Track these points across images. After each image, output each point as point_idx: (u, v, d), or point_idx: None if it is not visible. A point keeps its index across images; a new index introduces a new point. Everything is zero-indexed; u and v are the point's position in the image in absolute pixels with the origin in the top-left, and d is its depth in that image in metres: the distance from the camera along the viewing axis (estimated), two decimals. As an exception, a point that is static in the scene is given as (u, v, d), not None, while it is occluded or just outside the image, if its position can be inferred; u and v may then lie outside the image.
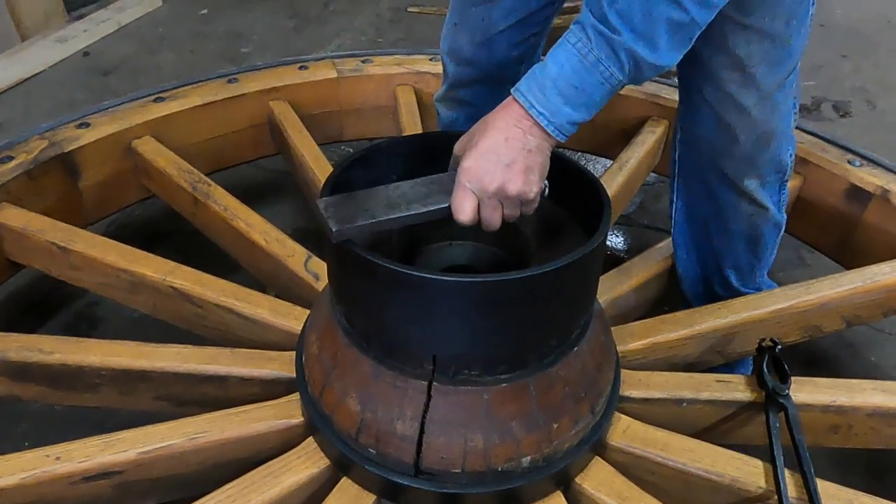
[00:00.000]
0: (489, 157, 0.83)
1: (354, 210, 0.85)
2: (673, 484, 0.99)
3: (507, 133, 0.84)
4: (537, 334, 0.85)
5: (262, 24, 2.99)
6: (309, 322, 1.03)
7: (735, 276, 1.32)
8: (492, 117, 0.86)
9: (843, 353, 1.60)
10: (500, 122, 0.85)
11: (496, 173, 0.82)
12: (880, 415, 1.07)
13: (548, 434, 0.88)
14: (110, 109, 1.56)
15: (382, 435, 0.87)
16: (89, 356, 1.08)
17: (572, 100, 0.82)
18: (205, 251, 1.57)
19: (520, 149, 0.83)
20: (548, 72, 0.83)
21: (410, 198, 0.88)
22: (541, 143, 0.84)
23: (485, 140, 0.84)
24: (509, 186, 0.83)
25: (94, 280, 1.28)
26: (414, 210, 0.87)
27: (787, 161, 1.20)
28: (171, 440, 0.96)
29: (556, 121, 0.83)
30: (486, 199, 0.84)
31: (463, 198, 0.84)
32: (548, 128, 0.83)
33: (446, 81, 1.30)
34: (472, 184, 0.83)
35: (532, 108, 0.83)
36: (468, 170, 0.84)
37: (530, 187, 0.84)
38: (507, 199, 0.84)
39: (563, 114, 0.83)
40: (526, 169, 0.83)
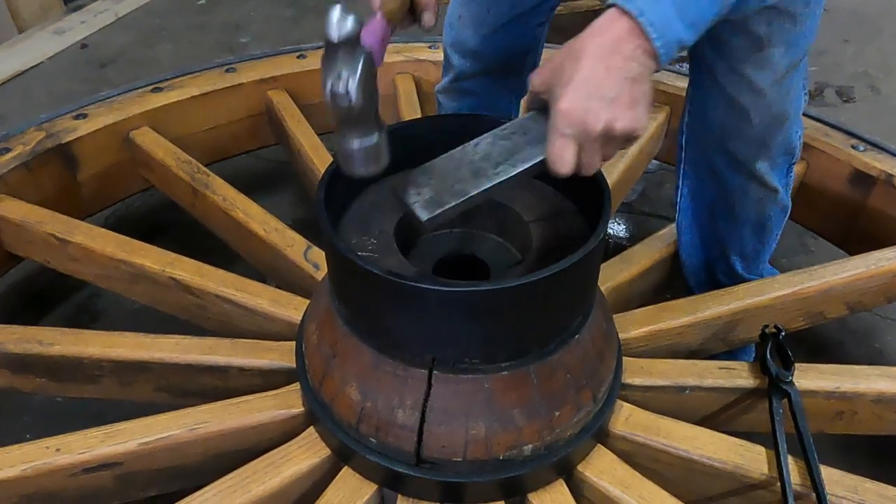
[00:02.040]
0: (590, 94, 0.71)
1: (439, 189, 0.74)
2: (676, 471, 0.98)
3: (607, 61, 0.71)
4: (538, 327, 0.84)
5: (260, 14, 2.97)
6: (308, 311, 1.03)
7: (740, 263, 1.31)
8: (583, 42, 0.73)
9: (847, 339, 1.60)
10: (596, 47, 0.71)
11: (601, 112, 0.70)
12: (885, 401, 1.06)
13: (549, 422, 0.87)
14: (108, 100, 1.55)
15: (383, 424, 0.86)
16: (89, 347, 1.08)
17: (685, 12, 0.72)
18: (205, 242, 1.57)
19: (622, 78, 0.71)
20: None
21: (495, 158, 0.76)
22: (642, 70, 0.72)
23: (581, 71, 0.71)
24: (616, 125, 0.71)
25: (94, 271, 1.28)
26: (504, 174, 0.75)
27: (797, 143, 1.18)
28: (171, 431, 0.96)
29: (667, 36, 0.71)
30: (588, 144, 0.73)
31: (563, 146, 0.73)
32: (656, 43, 0.71)
33: (450, 73, 1.29)
34: (572, 129, 0.72)
35: (642, 15, 0.70)
36: (567, 112, 0.71)
37: (638, 123, 0.73)
38: (612, 139, 0.73)
39: (674, 29, 0.71)
40: (632, 101, 0.72)
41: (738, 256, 1.30)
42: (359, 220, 0.95)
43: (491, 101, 1.29)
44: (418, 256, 0.98)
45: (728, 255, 1.30)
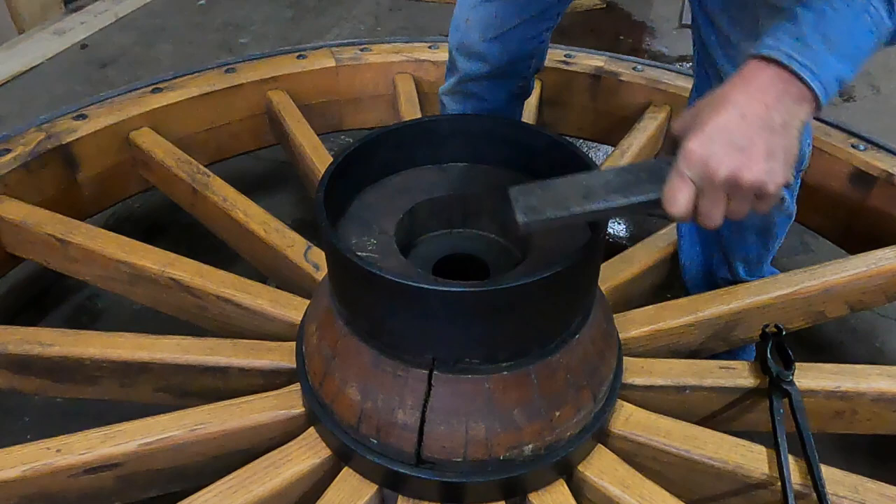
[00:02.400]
0: (718, 138, 0.68)
1: (546, 199, 0.75)
2: (676, 471, 0.98)
3: (746, 108, 0.68)
4: (538, 328, 0.84)
5: (260, 15, 2.97)
6: (309, 312, 1.03)
7: (743, 268, 1.30)
8: (726, 90, 0.71)
9: (848, 338, 1.60)
10: (738, 94, 0.69)
11: (726, 157, 0.68)
12: (885, 400, 1.06)
13: (550, 422, 0.87)
14: (108, 101, 1.55)
15: (383, 424, 0.86)
16: (89, 348, 1.07)
17: (839, 48, 0.68)
18: (205, 242, 1.57)
19: (760, 127, 0.68)
20: (803, 20, 0.68)
21: (613, 187, 0.76)
22: (788, 120, 0.69)
23: (715, 117, 0.69)
24: (744, 174, 0.68)
25: (94, 272, 1.28)
26: (614, 202, 0.74)
27: (806, 150, 1.17)
28: (171, 432, 0.96)
29: (823, 75, 0.67)
30: (710, 189, 0.70)
31: (679, 187, 0.70)
32: (812, 83, 0.67)
33: (454, 75, 1.28)
34: (692, 170, 0.69)
35: (792, 60, 0.67)
36: (690, 153, 0.69)
37: (771, 177, 0.69)
38: (738, 189, 0.69)
39: (830, 66, 0.67)
40: (768, 153, 0.68)
41: (741, 262, 1.30)
42: (359, 220, 0.95)
43: (495, 103, 1.29)
44: (418, 257, 0.98)
45: (731, 261, 1.30)
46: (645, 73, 1.71)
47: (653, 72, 1.73)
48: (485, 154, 1.02)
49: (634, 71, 1.72)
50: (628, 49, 2.79)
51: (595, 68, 1.72)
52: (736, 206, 0.72)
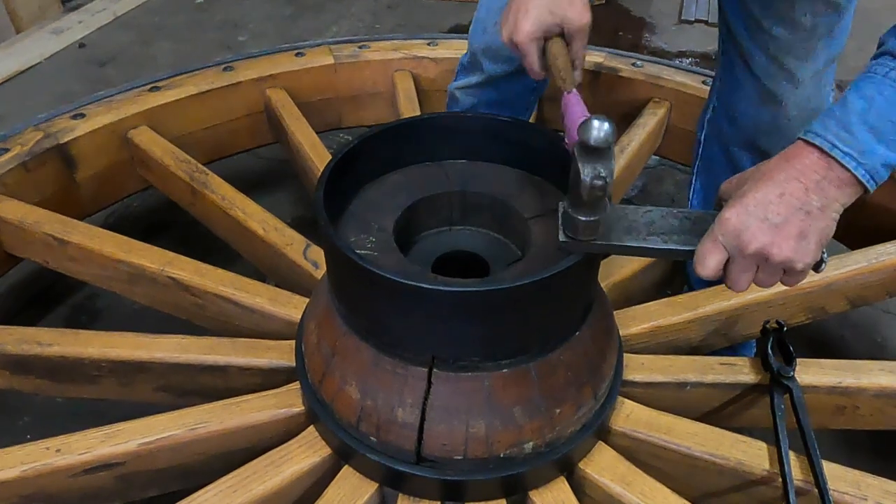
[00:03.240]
0: (755, 212, 0.71)
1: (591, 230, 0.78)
2: (677, 468, 0.98)
3: (785, 187, 0.71)
4: (538, 326, 0.84)
5: (258, 13, 2.97)
6: (308, 310, 1.02)
7: None
8: (771, 166, 0.74)
9: (849, 333, 1.59)
10: (780, 172, 0.72)
11: (759, 233, 0.71)
12: (886, 395, 1.06)
13: (550, 419, 0.87)
14: (105, 100, 1.54)
15: (383, 422, 0.86)
16: (88, 348, 1.07)
17: (887, 136, 0.70)
18: (204, 241, 1.56)
19: (796, 208, 0.70)
20: (852, 107, 0.71)
21: (655, 229, 0.79)
22: (827, 203, 0.71)
23: (755, 191, 0.72)
24: (773, 251, 0.71)
25: (93, 272, 1.28)
26: (651, 244, 0.78)
27: None
28: (171, 431, 0.96)
29: (868, 162, 0.70)
30: (740, 259, 0.73)
31: (711, 250, 0.74)
32: (856, 171, 0.70)
33: (477, 75, 1.27)
34: (725, 238, 0.73)
35: (835, 148, 0.70)
36: (726, 222, 0.73)
37: (800, 256, 0.71)
38: (767, 264, 0.73)
39: (876, 154, 0.69)
40: (800, 234, 0.71)
41: None
42: (358, 218, 0.95)
43: (509, 97, 1.29)
44: (418, 254, 0.98)
45: None
46: (644, 69, 1.70)
47: (652, 68, 1.72)
48: (483, 151, 1.01)
49: (634, 67, 1.71)
50: (628, 45, 2.78)
51: (594, 64, 1.72)
52: (764, 277, 0.75)
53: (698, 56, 2.75)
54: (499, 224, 0.99)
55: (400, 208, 0.95)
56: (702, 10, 3.05)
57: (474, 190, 0.99)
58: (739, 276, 0.75)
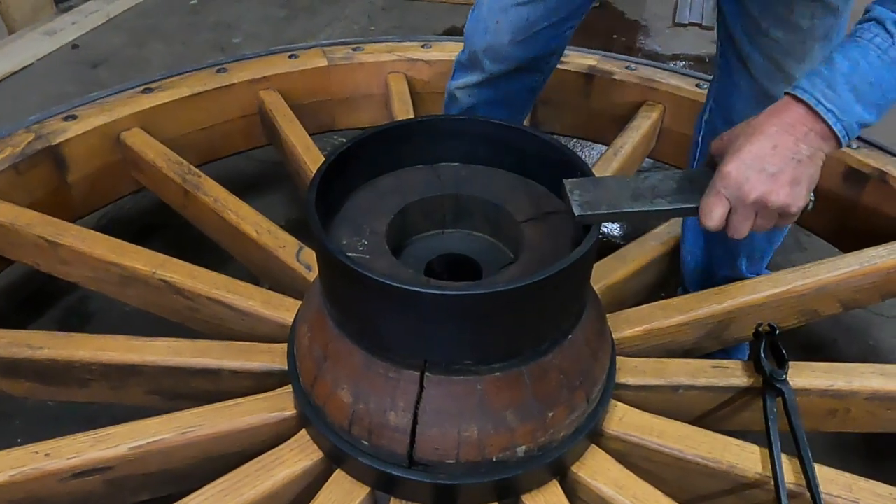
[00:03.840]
0: (753, 165, 0.79)
1: (600, 196, 0.84)
2: (670, 471, 0.98)
3: (777, 140, 0.79)
4: (530, 329, 0.84)
5: (252, 15, 2.96)
6: (300, 313, 1.02)
7: (745, 263, 1.31)
8: (761, 120, 0.81)
9: (841, 336, 1.60)
10: (771, 126, 0.80)
11: (758, 183, 0.78)
12: (878, 398, 1.06)
13: (543, 423, 0.87)
14: (98, 101, 1.54)
15: (375, 426, 0.86)
16: (79, 351, 1.07)
17: (866, 97, 0.78)
18: (198, 243, 1.56)
19: (789, 158, 0.78)
20: (838, 68, 0.78)
21: (658, 192, 0.86)
22: (814, 152, 0.79)
23: (750, 145, 0.79)
24: (771, 198, 0.79)
25: (84, 274, 1.27)
26: (659, 206, 0.85)
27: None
28: (162, 435, 0.95)
29: (846, 119, 0.78)
30: (741, 208, 0.80)
31: (715, 203, 0.81)
32: (835, 126, 0.78)
33: (478, 74, 1.27)
34: (728, 190, 0.80)
35: (819, 104, 0.78)
36: (727, 175, 0.80)
37: (794, 200, 0.79)
38: (766, 210, 0.80)
39: (854, 113, 0.78)
40: (793, 180, 0.78)
41: (745, 258, 1.30)
42: (350, 220, 0.94)
43: (510, 96, 1.30)
44: (410, 257, 0.97)
45: (735, 257, 1.30)
46: (638, 72, 1.71)
47: (646, 70, 1.72)
48: (477, 154, 1.01)
49: (628, 70, 1.71)
50: (622, 48, 2.79)
51: (588, 67, 1.72)
52: (762, 222, 0.82)
53: (692, 59, 2.75)
54: (491, 227, 0.99)
55: (392, 211, 0.95)
56: (696, 13, 3.06)
57: (467, 193, 0.98)
58: (741, 224, 0.81)
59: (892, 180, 1.37)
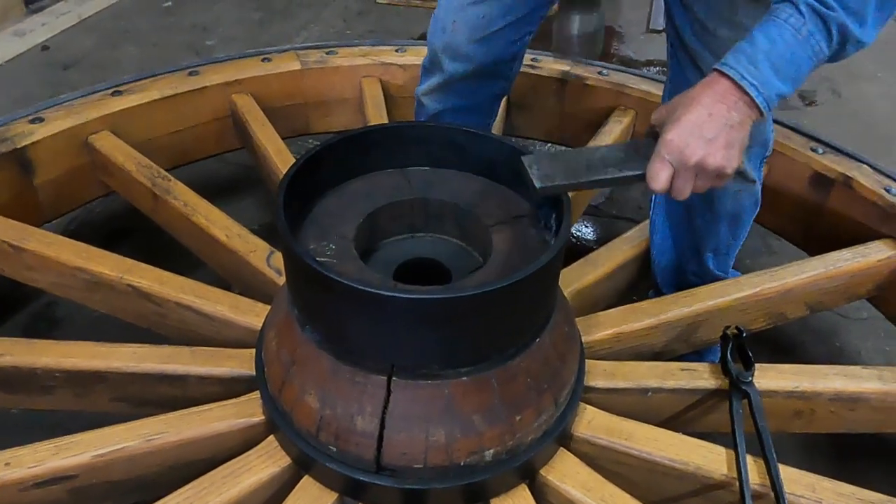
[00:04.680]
0: (692, 132, 0.86)
1: (556, 169, 0.89)
2: (638, 473, 0.99)
3: (712, 109, 0.86)
4: (498, 333, 0.84)
5: (227, 17, 2.94)
6: (268, 318, 1.01)
7: (712, 259, 1.34)
8: (696, 92, 0.88)
9: (809, 338, 1.62)
10: (705, 97, 0.87)
11: (697, 147, 0.85)
12: (841, 399, 1.08)
13: (511, 427, 0.87)
14: (65, 104, 1.51)
15: (342, 432, 0.85)
16: (42, 357, 1.05)
17: (783, 72, 0.85)
18: (169, 248, 1.54)
19: (723, 124, 0.86)
20: (759, 46, 0.85)
21: (608, 162, 0.92)
22: (743, 119, 0.87)
23: (688, 114, 0.86)
24: (709, 161, 0.86)
25: (50, 280, 1.25)
26: (611, 174, 0.91)
27: (769, 136, 1.23)
28: (126, 442, 0.94)
29: (766, 92, 0.86)
30: (683, 171, 0.87)
31: (660, 168, 0.87)
32: (757, 98, 0.86)
33: (438, 76, 1.29)
34: (671, 156, 0.86)
35: (743, 79, 0.85)
36: (669, 142, 0.86)
37: (729, 162, 0.87)
38: (705, 172, 0.87)
39: (773, 86, 0.86)
40: (727, 144, 0.86)
41: (711, 253, 1.33)
42: (318, 225, 0.94)
43: (475, 102, 1.31)
44: (379, 261, 0.97)
45: (702, 252, 1.33)
46: (610, 78, 1.72)
47: (618, 76, 1.74)
48: (446, 159, 1.02)
49: (600, 75, 1.73)
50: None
51: (561, 72, 1.73)
52: (701, 183, 0.90)
53: (664, 65, 2.78)
54: (461, 231, 0.99)
55: (361, 215, 0.95)
56: (669, 19, 3.09)
57: (437, 197, 0.99)
58: (684, 186, 0.89)
59: (856, 185, 1.40)
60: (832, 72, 2.70)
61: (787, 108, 2.47)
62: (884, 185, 1.38)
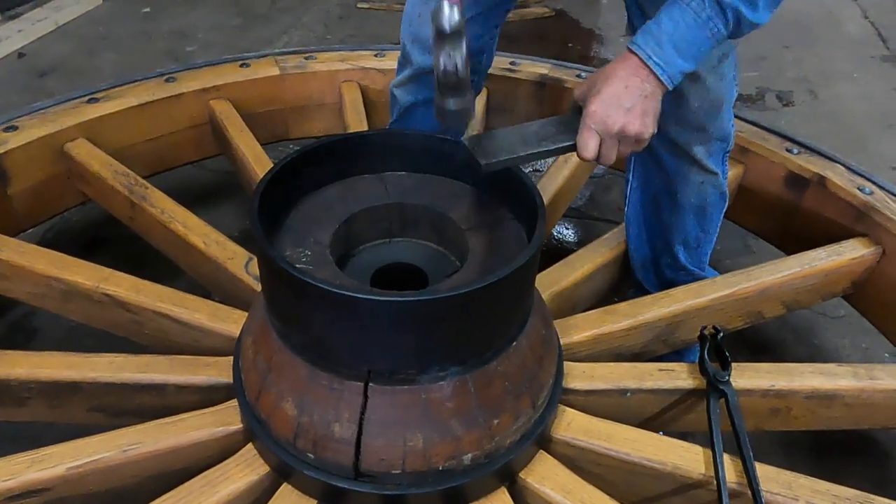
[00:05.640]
0: (612, 102, 0.94)
1: (495, 147, 0.96)
2: (617, 474, 0.99)
3: (627, 81, 0.95)
4: (474, 336, 0.84)
5: (206, 23, 2.93)
6: (245, 326, 1.00)
7: (683, 253, 1.35)
8: (612, 68, 0.98)
9: (787, 336, 1.64)
10: (621, 71, 0.96)
11: (618, 116, 0.94)
12: (817, 397, 1.09)
13: (489, 430, 0.87)
14: (41, 111, 1.50)
15: (320, 438, 0.85)
16: (15, 369, 1.03)
17: (685, 52, 0.95)
18: (147, 256, 1.53)
19: (638, 95, 0.95)
20: (664, 28, 0.95)
21: (541, 136, 0.99)
22: (654, 90, 0.96)
23: (607, 87, 0.95)
24: (629, 128, 0.95)
25: (25, 290, 1.23)
26: (545, 147, 0.98)
27: (730, 131, 1.26)
28: (102, 453, 0.93)
29: (670, 70, 0.95)
30: (608, 138, 0.96)
31: (588, 137, 0.96)
32: (661, 76, 0.95)
33: (408, 69, 1.32)
34: (596, 125, 0.95)
35: (650, 59, 0.95)
36: (593, 113, 0.95)
37: (646, 128, 0.96)
38: (626, 138, 0.96)
39: (676, 64, 0.95)
40: (643, 112, 0.95)
41: (681, 245, 1.35)
42: (294, 231, 0.94)
43: None
44: (356, 267, 0.97)
45: (672, 245, 1.34)
46: (588, 81, 1.73)
47: (596, 79, 1.75)
48: (422, 164, 1.02)
49: (578, 78, 1.74)
50: (577, 56, 2.83)
51: (539, 76, 1.74)
52: (623, 149, 0.98)
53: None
54: (437, 235, 0.99)
55: (337, 221, 0.95)
56: (648, 22, 3.11)
57: (413, 202, 0.99)
58: (609, 152, 0.97)
59: (830, 185, 1.41)
60: (809, 73, 2.74)
61: (765, 110, 2.50)
62: (857, 184, 1.40)
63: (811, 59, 2.84)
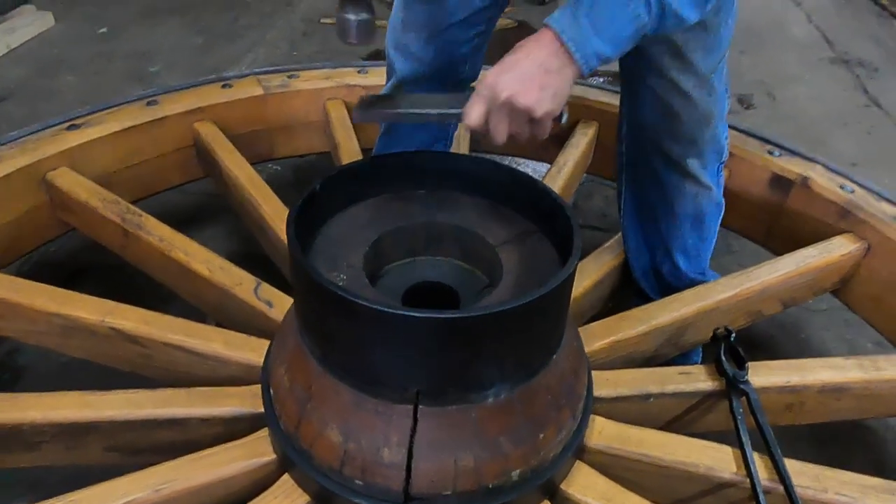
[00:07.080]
0: (506, 70, 0.88)
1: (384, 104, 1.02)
2: (651, 478, 1.01)
3: (531, 52, 0.88)
4: (521, 351, 0.84)
5: (168, 42, 2.86)
6: (274, 354, 0.98)
7: (683, 260, 1.38)
8: (523, 41, 0.90)
9: (777, 332, 1.70)
10: (530, 43, 0.89)
11: (509, 84, 0.86)
12: (829, 390, 1.13)
13: (535, 445, 0.87)
14: (19, 140, 1.43)
15: (368, 465, 0.84)
16: (28, 412, 0.98)
17: (602, 31, 0.87)
18: (133, 284, 1.48)
19: (538, 66, 0.87)
20: (582, 3, 0.88)
21: (432, 103, 0.99)
22: (563, 68, 0.88)
23: (509, 56, 0.89)
24: (519, 98, 0.86)
25: (20, 327, 1.17)
26: (431, 110, 0.97)
27: (724, 143, 1.29)
28: (134, 495, 0.89)
29: (584, 50, 0.87)
30: (496, 108, 0.88)
31: (474, 103, 0.89)
32: (575, 55, 0.87)
33: (393, 77, 1.31)
34: (485, 90, 0.88)
35: (564, 33, 0.87)
36: (485, 78, 0.89)
37: (540, 104, 0.87)
38: (515, 111, 0.88)
39: (592, 43, 0.87)
40: (541, 86, 0.87)
41: (680, 253, 1.37)
42: (324, 255, 0.92)
43: None
44: (384, 287, 0.96)
45: (671, 253, 1.37)
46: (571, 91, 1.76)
47: (578, 89, 1.78)
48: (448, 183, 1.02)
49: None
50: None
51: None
52: (515, 126, 0.90)
53: (611, 75, 2.87)
54: (466, 253, 0.99)
55: (367, 242, 0.94)
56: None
57: (440, 220, 0.99)
58: (499, 124, 0.90)
59: (813, 185, 1.47)
60: (765, 76, 2.85)
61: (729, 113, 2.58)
62: (838, 183, 1.47)
63: (765, 64, 2.96)
